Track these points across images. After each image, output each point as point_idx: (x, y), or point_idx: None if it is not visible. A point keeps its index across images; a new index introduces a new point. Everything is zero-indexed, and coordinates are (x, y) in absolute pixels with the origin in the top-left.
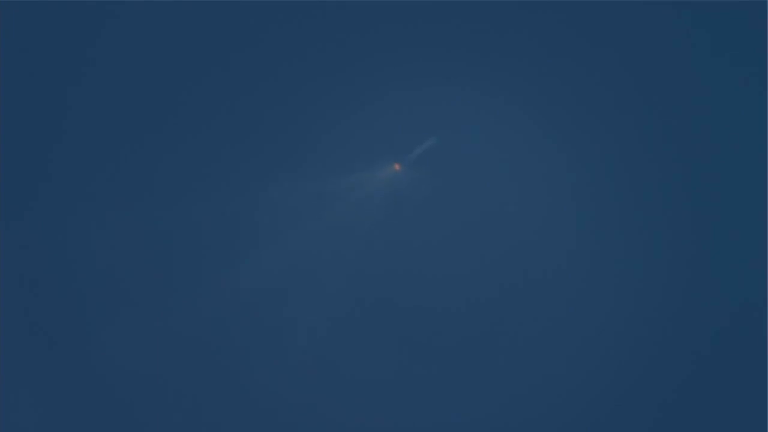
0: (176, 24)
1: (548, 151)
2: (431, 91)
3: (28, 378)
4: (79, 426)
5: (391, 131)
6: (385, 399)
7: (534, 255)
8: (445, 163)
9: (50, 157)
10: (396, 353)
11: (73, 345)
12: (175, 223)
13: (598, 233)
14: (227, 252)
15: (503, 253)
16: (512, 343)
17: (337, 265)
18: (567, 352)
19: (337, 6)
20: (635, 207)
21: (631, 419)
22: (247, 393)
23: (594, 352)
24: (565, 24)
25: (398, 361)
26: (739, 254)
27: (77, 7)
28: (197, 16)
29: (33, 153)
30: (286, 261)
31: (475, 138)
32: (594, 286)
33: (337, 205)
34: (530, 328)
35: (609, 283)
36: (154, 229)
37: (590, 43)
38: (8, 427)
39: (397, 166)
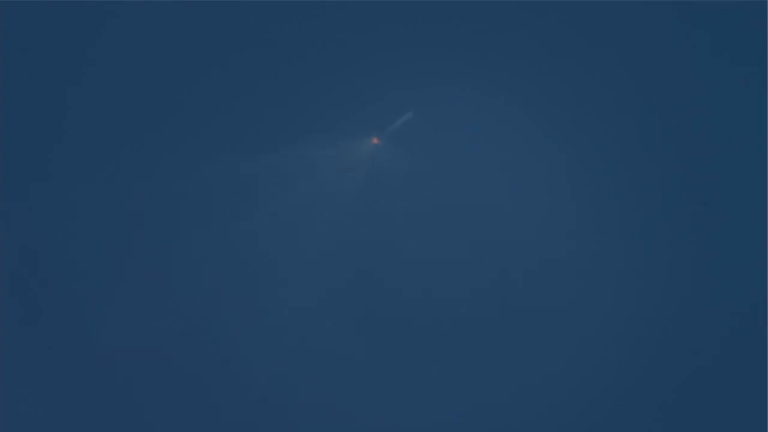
0: (176, 24)
1: (548, 150)
2: (431, 91)
3: (28, 377)
4: (79, 424)
5: (391, 130)
6: (367, 382)
7: (533, 254)
8: (444, 163)
9: (50, 157)
10: (382, 337)
11: (73, 344)
12: (171, 220)
13: (598, 233)
14: (219, 224)
15: (500, 253)
16: (510, 341)
17: (323, 235)
18: (567, 352)
19: (337, 6)
20: (635, 206)
21: (631, 419)
22: (235, 370)
23: (594, 352)
24: (565, 24)
25: (386, 347)
26: (740, 253)
27: (77, 7)
28: (197, 16)
29: (33, 153)
30: (270, 228)
31: (475, 138)
32: (594, 286)
33: (338, 195)
34: (529, 328)
35: (609, 282)
36: (152, 228)
37: (590, 43)
38: (8, 428)
39: (375, 140)
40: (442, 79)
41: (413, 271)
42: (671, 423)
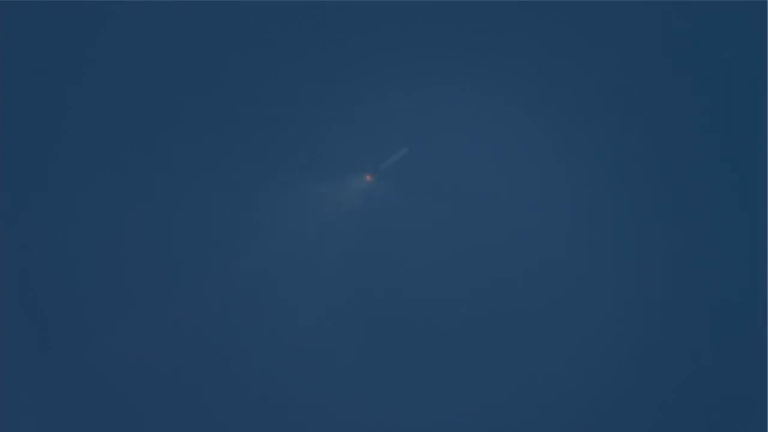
0: (176, 24)
1: (548, 151)
2: (431, 92)
3: (28, 377)
4: (79, 425)
5: (391, 130)
6: (368, 400)
7: (532, 256)
8: (444, 163)
9: (50, 157)
10: (391, 353)
11: (74, 345)
12: (171, 221)
13: (598, 234)
14: (208, 254)
15: (500, 254)
16: (510, 341)
17: (328, 259)
18: (567, 352)
19: (337, 6)
20: (635, 207)
21: (632, 419)
22: (241, 382)
23: (594, 352)
24: (565, 24)
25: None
26: (739, 254)
27: (77, 7)
28: (197, 16)
29: (33, 153)
30: (272, 256)
31: (475, 138)
32: (594, 287)
33: (332, 201)
34: (529, 328)
35: (609, 283)
36: (152, 228)
37: (590, 43)
38: (8, 428)
39: (368, 177)
40: (442, 79)
41: (412, 269)
42: (671, 423)
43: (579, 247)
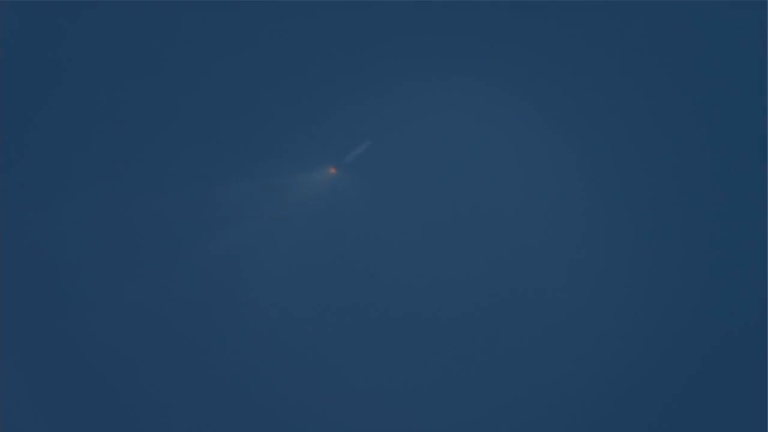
0: (176, 24)
1: (548, 151)
2: (431, 91)
3: (28, 377)
4: (79, 423)
5: (391, 130)
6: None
7: (537, 255)
8: (447, 161)
9: (50, 156)
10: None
11: (72, 343)
12: (171, 220)
13: (596, 235)
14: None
15: (505, 253)
16: (507, 344)
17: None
18: (566, 353)
19: (337, 6)
20: (634, 208)
21: (632, 419)
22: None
23: (592, 353)
24: (566, 24)
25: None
26: (739, 254)
27: (77, 7)
28: (197, 16)
29: (33, 153)
30: (249, 248)
31: (477, 138)
32: (592, 288)
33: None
34: (534, 328)
35: (607, 284)
36: (151, 228)
37: (590, 43)
38: (8, 427)
39: (332, 170)
40: (442, 79)
41: (415, 270)
42: (672, 423)
43: (578, 247)
